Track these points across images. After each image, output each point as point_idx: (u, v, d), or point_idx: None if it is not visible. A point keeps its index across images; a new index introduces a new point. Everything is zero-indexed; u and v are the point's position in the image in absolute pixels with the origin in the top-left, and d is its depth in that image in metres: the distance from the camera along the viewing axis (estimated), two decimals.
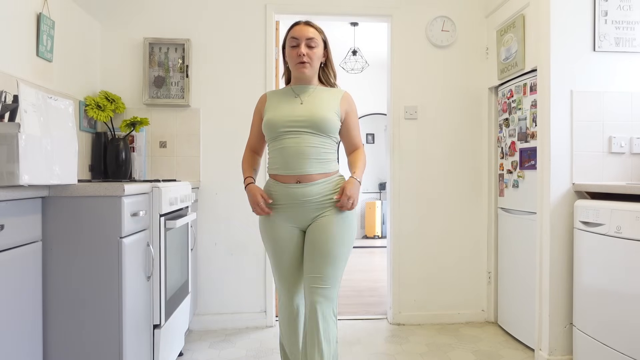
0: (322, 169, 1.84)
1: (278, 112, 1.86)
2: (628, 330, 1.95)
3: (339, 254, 1.83)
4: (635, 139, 2.44)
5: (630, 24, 2.45)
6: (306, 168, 1.81)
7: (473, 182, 3.28)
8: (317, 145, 1.83)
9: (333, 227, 1.84)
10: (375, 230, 7.31)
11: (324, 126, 1.83)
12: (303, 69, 1.87)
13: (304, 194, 1.82)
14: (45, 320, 1.59)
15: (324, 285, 1.81)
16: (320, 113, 1.83)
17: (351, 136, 1.98)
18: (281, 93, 1.96)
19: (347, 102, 1.95)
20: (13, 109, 1.65)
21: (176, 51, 3.08)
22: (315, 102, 1.88)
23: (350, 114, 1.95)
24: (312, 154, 1.81)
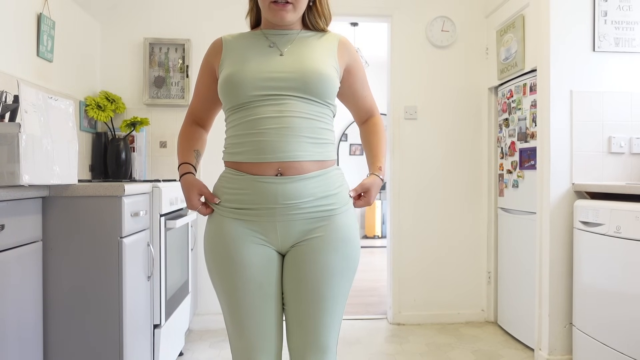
0: (319, 155, 1.20)
1: (246, 66, 1.20)
2: (628, 330, 1.95)
3: (341, 298, 1.25)
4: (634, 139, 2.44)
5: (630, 24, 2.45)
6: (294, 151, 1.16)
7: (473, 182, 3.28)
8: (312, 117, 1.19)
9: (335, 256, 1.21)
10: (375, 230, 7.31)
11: (321, 86, 1.19)
12: (283, 14, 1.21)
13: (288, 193, 1.16)
14: (46, 320, 1.59)
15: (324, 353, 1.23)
16: (314, 66, 1.20)
17: (361, 98, 1.38)
18: (247, 38, 1.30)
19: (347, 51, 1.32)
20: (13, 109, 1.65)
21: (176, 51, 3.08)
22: (303, 51, 1.24)
23: (355, 68, 1.34)
24: (305, 130, 1.17)
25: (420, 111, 3.25)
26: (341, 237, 1.22)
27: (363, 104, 1.40)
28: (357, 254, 1.26)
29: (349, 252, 1.23)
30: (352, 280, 1.27)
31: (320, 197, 1.20)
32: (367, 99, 1.40)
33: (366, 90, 1.39)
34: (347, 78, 1.33)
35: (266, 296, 1.21)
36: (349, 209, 1.26)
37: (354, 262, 1.25)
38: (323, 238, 1.20)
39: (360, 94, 1.38)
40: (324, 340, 1.22)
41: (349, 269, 1.24)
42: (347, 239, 1.23)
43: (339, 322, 1.26)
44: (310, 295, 1.20)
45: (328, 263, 1.20)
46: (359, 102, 1.39)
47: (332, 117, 1.29)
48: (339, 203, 1.23)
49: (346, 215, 1.24)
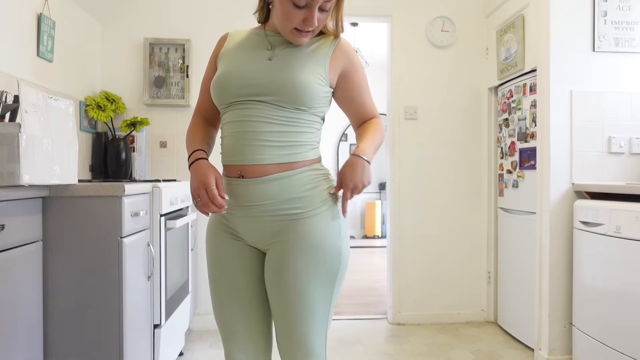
0: (283, 158, 1.18)
1: (234, 67, 1.21)
2: (628, 330, 1.95)
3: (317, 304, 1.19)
4: (634, 139, 2.44)
5: (630, 24, 2.45)
6: (253, 155, 1.17)
7: (473, 182, 3.28)
8: (279, 122, 1.17)
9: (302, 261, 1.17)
10: (375, 230, 7.31)
11: (295, 94, 1.16)
12: (304, 40, 1.21)
13: (248, 195, 1.18)
14: (46, 320, 1.59)
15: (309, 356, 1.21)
16: (292, 74, 1.17)
17: (359, 105, 1.31)
18: (249, 36, 1.29)
19: (344, 56, 1.26)
20: (14, 109, 1.65)
21: (176, 51, 3.08)
22: (291, 58, 1.21)
23: (352, 72, 1.27)
24: (267, 134, 1.16)
25: (420, 111, 3.25)
26: (309, 242, 1.17)
27: (361, 110, 1.32)
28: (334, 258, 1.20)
29: (320, 257, 1.18)
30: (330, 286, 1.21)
31: (283, 199, 1.18)
32: (365, 106, 1.32)
33: (365, 97, 1.31)
34: (343, 83, 1.28)
35: (237, 291, 1.25)
36: (324, 212, 1.20)
37: (328, 266, 1.19)
38: (289, 242, 1.18)
39: (358, 100, 1.30)
40: (307, 344, 1.19)
41: (322, 274, 1.18)
42: (316, 244, 1.17)
43: (321, 326, 1.21)
44: (282, 299, 1.19)
45: (295, 268, 1.17)
46: (357, 109, 1.32)
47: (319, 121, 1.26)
48: (307, 206, 1.19)
49: (318, 218, 1.19)
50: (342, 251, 1.22)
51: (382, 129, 1.32)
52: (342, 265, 1.23)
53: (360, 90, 1.30)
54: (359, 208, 7.57)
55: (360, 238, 7.46)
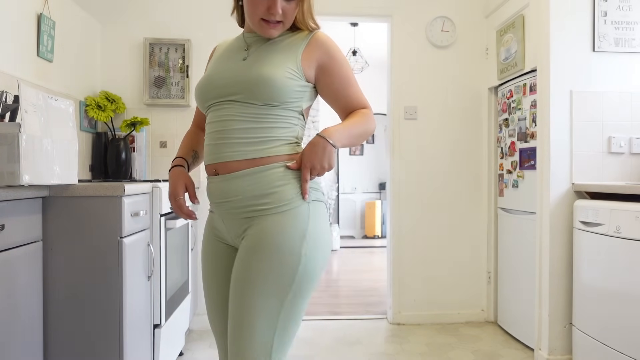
0: (252, 154, 1.15)
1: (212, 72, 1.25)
2: (628, 330, 1.95)
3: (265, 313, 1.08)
4: (634, 139, 2.44)
5: (630, 24, 2.45)
6: (224, 152, 1.17)
7: (473, 182, 3.28)
8: (250, 118, 1.16)
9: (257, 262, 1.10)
10: (375, 230, 7.31)
11: (261, 89, 1.14)
12: (273, 32, 1.20)
13: (220, 191, 1.18)
14: (46, 320, 1.59)
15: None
16: (259, 71, 1.16)
17: (343, 97, 1.25)
18: (232, 42, 1.32)
19: (319, 49, 1.22)
20: (14, 109, 1.65)
21: (176, 51, 3.08)
22: (262, 54, 1.20)
23: (331, 65, 1.22)
24: (236, 132, 1.16)
25: (420, 111, 3.25)
26: (263, 241, 1.10)
27: (346, 103, 1.25)
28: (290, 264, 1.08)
29: (271, 260, 1.08)
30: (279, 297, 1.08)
31: (251, 195, 1.14)
32: (351, 98, 1.25)
33: (350, 89, 1.25)
34: (323, 78, 1.23)
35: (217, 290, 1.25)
36: (288, 211, 1.13)
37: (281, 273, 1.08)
38: (248, 240, 1.13)
39: (342, 93, 1.24)
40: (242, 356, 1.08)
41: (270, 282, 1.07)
42: (270, 245, 1.09)
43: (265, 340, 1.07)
44: (232, 301, 1.12)
45: (248, 269, 1.10)
46: (342, 102, 1.26)
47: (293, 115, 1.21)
48: (272, 203, 1.13)
49: (280, 217, 1.12)
50: (302, 259, 1.09)
51: (368, 119, 1.24)
52: (302, 275, 1.09)
53: (343, 83, 1.24)
54: (359, 208, 7.57)
55: (360, 238, 7.46)
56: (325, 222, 1.19)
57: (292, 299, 1.10)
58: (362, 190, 7.61)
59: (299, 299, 1.11)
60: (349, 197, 7.54)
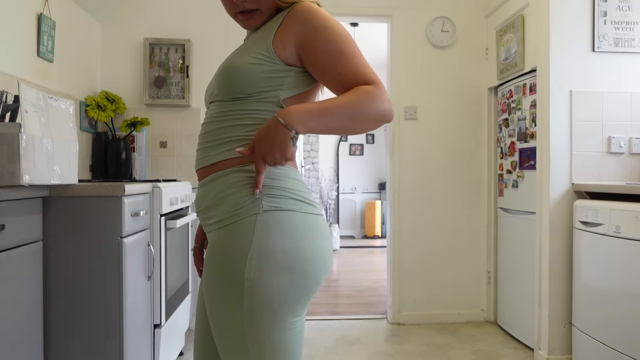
0: (210, 159, 1.01)
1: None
2: (627, 329, 1.96)
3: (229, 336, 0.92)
4: (634, 139, 2.44)
5: (630, 24, 2.45)
6: (199, 158, 1.04)
7: (473, 182, 3.28)
8: (223, 117, 1.00)
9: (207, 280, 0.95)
10: (375, 230, 7.31)
11: (223, 82, 1.00)
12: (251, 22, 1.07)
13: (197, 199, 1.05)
14: (46, 320, 1.60)
15: None
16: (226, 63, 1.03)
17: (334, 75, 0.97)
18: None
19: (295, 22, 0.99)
20: (14, 109, 1.65)
21: (176, 51, 3.08)
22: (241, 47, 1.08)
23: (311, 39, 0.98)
24: (207, 135, 1.03)
25: (420, 111, 3.25)
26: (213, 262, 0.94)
27: (340, 81, 0.97)
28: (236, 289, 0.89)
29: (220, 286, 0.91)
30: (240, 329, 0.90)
31: (204, 207, 1.00)
32: (344, 74, 0.96)
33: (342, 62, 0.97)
34: (305, 55, 0.99)
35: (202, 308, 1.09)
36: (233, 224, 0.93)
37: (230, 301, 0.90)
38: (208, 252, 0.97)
39: (331, 69, 0.97)
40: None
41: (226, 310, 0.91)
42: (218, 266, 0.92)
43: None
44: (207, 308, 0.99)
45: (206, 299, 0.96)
46: (333, 82, 0.98)
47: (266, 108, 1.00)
48: (220, 214, 0.95)
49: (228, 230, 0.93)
50: (245, 284, 0.89)
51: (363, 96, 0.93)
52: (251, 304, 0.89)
53: (332, 57, 0.97)
54: (358, 208, 7.57)
55: (360, 238, 7.46)
56: (287, 234, 0.92)
57: (252, 333, 0.90)
58: (362, 190, 7.61)
59: (262, 332, 0.90)
60: (349, 197, 7.54)
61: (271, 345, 0.90)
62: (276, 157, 0.90)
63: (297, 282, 0.91)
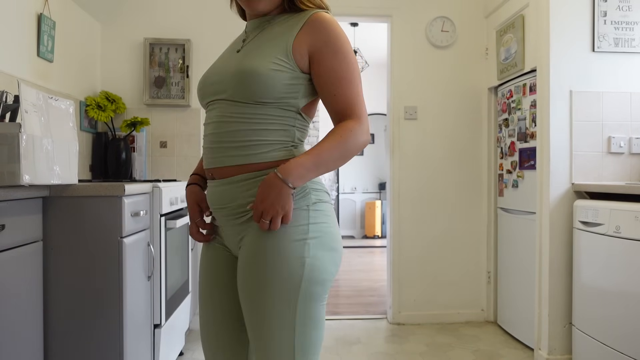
0: (242, 159, 1.07)
1: (209, 69, 1.17)
2: (627, 329, 1.96)
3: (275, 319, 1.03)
4: (634, 139, 2.44)
5: (630, 24, 2.45)
6: (219, 157, 1.09)
7: (473, 182, 3.28)
8: (240, 119, 1.06)
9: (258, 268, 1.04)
10: (375, 230, 7.31)
11: (245, 85, 1.03)
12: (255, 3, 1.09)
13: (215, 197, 1.12)
14: (46, 320, 1.60)
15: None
16: (243, 65, 1.05)
17: (329, 96, 1.06)
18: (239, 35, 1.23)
19: (313, 31, 1.05)
20: (14, 109, 1.65)
21: (176, 51, 3.08)
22: (255, 45, 1.09)
23: (322, 53, 1.05)
24: (228, 134, 1.07)
25: (420, 111, 3.25)
26: (268, 247, 1.03)
27: (334, 104, 1.06)
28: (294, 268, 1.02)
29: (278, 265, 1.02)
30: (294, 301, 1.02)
31: (246, 202, 1.06)
32: (339, 99, 1.05)
33: (341, 87, 1.05)
34: (312, 67, 1.06)
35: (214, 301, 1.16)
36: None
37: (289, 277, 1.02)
38: (247, 248, 1.06)
39: (329, 90, 1.05)
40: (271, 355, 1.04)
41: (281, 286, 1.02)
42: (275, 250, 1.02)
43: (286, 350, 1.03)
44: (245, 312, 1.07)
45: (251, 279, 1.04)
46: (328, 102, 1.07)
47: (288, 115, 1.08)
48: None
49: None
50: (305, 261, 1.02)
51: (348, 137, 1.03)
52: (308, 279, 1.03)
53: (333, 78, 1.04)
54: (359, 208, 7.57)
55: (360, 238, 7.46)
56: (329, 221, 1.08)
57: (303, 304, 1.03)
58: (362, 190, 7.61)
59: (311, 302, 1.04)
60: (349, 197, 7.54)
61: (315, 315, 1.05)
62: (278, 212, 1.00)
63: (335, 259, 1.08)
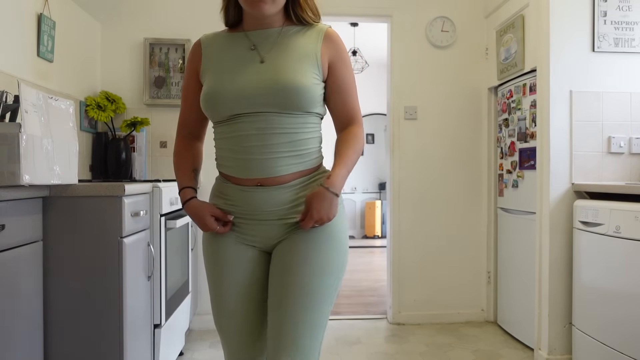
0: (298, 167, 1.18)
1: (225, 80, 1.17)
2: (627, 329, 1.96)
3: (324, 295, 1.16)
4: (634, 139, 2.44)
5: (630, 24, 2.45)
6: (275, 167, 1.16)
7: (473, 182, 3.28)
8: (290, 130, 1.16)
9: (317, 246, 1.17)
10: (375, 230, 7.31)
11: (297, 100, 1.14)
12: (262, 5, 1.13)
13: (267, 201, 1.17)
14: (46, 320, 1.60)
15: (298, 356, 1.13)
16: (289, 78, 1.13)
17: (339, 102, 1.24)
18: (228, 40, 1.24)
19: (332, 47, 1.21)
20: (14, 109, 1.65)
21: (176, 51, 3.08)
22: (282, 56, 1.17)
23: (338, 66, 1.22)
24: (284, 145, 1.15)
25: (420, 111, 3.25)
26: (326, 232, 1.18)
27: (341, 109, 1.24)
28: (343, 252, 1.20)
29: (333, 248, 1.18)
30: (338, 282, 1.20)
31: (292, 205, 1.18)
32: (347, 106, 1.24)
33: (349, 95, 1.24)
34: (328, 78, 1.22)
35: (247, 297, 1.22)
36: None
37: (339, 260, 1.19)
38: (302, 234, 1.18)
39: (340, 97, 1.23)
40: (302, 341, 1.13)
41: (334, 266, 1.18)
42: (332, 235, 1.19)
43: (321, 326, 1.17)
44: (292, 287, 1.15)
45: (312, 256, 1.16)
46: (339, 107, 1.24)
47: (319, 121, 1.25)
48: None
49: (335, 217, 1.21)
50: (347, 252, 1.23)
51: (359, 143, 1.23)
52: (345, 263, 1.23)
53: (345, 90, 1.23)
54: (359, 208, 7.57)
55: (360, 238, 7.46)
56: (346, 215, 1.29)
57: (337, 284, 1.20)
58: (362, 190, 7.61)
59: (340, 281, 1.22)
60: (349, 197, 7.54)
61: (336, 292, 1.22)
62: (330, 219, 1.16)
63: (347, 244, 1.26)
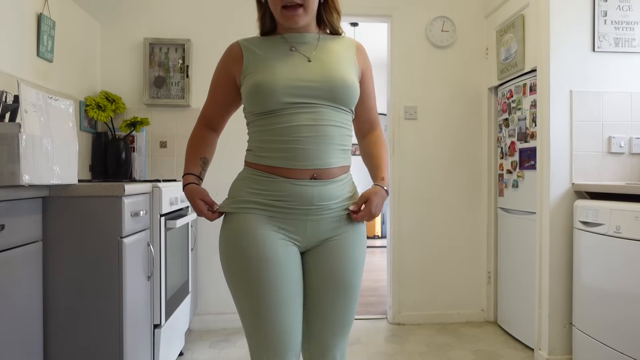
0: (344, 161, 1.28)
1: (276, 73, 1.21)
2: (628, 329, 1.95)
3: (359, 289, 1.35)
4: (634, 139, 2.44)
5: (630, 24, 2.45)
6: (328, 158, 1.22)
7: (473, 182, 3.28)
8: (341, 125, 1.26)
9: (357, 251, 1.31)
10: (375, 230, 7.31)
11: (348, 95, 1.24)
12: (296, 18, 1.22)
13: (322, 195, 1.23)
14: (46, 320, 1.60)
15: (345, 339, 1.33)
16: (340, 75, 1.24)
17: (366, 108, 1.38)
18: (266, 43, 1.30)
19: (363, 58, 1.35)
20: (14, 109, 1.65)
21: (176, 51, 3.08)
22: (328, 58, 1.27)
23: (367, 74, 1.37)
24: (336, 138, 1.24)
25: (420, 111, 3.25)
26: (361, 233, 1.33)
27: (368, 114, 1.40)
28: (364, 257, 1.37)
29: (364, 247, 1.34)
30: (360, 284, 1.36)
31: (345, 198, 1.29)
32: (372, 110, 1.40)
33: (372, 102, 1.40)
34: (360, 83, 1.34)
35: (294, 293, 1.24)
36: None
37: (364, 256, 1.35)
38: (350, 234, 1.29)
39: (367, 103, 1.38)
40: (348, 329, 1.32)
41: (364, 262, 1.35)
42: (364, 236, 1.35)
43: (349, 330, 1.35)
44: (342, 285, 1.28)
45: (355, 256, 1.29)
46: (365, 112, 1.39)
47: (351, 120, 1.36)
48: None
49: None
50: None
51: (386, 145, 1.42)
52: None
53: (370, 94, 1.39)
54: None
55: None
56: None
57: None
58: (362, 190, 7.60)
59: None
60: None
61: None
62: (378, 215, 1.29)
63: None
